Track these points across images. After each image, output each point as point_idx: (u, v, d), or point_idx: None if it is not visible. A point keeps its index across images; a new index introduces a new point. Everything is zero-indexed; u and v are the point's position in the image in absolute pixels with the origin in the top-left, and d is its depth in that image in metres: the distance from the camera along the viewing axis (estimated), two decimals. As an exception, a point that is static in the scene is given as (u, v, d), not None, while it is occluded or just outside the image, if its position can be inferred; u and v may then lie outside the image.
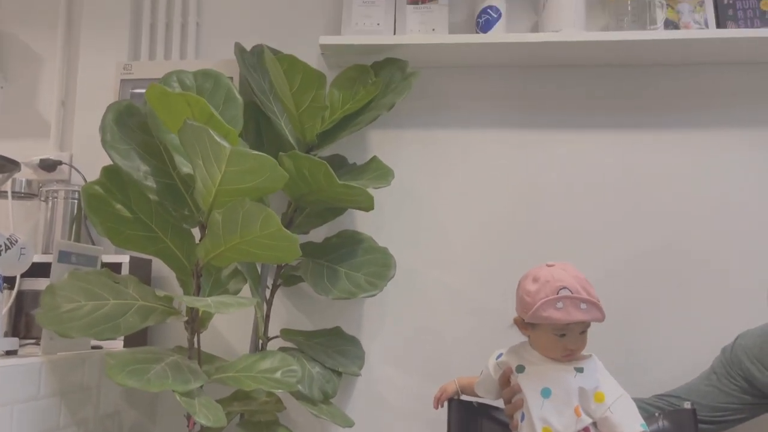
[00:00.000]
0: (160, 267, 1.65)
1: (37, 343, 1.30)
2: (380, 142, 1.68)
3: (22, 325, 1.42)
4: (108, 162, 1.25)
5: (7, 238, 1.19)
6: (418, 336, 1.60)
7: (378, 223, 1.63)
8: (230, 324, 1.63)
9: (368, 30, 1.62)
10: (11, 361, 1.06)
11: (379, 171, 1.51)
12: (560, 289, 1.07)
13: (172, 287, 1.64)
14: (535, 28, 1.66)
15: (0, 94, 1.79)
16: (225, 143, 1.06)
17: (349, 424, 1.37)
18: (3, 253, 1.17)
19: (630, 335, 1.53)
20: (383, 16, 1.64)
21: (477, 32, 1.59)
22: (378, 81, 1.53)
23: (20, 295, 1.40)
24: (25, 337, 1.38)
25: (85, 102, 1.74)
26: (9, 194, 1.55)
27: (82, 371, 1.25)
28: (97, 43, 1.75)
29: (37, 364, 1.11)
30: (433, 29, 1.61)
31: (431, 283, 1.62)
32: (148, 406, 1.54)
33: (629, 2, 1.49)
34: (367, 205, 1.40)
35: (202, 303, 1.11)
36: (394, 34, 1.62)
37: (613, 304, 1.19)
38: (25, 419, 1.07)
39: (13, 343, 1.18)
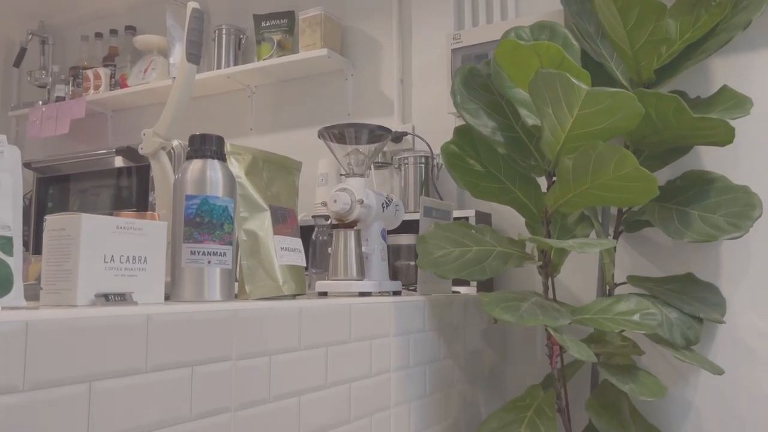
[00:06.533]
0: (499, 221, 1.76)
1: (408, 290, 1.51)
2: (725, 70, 1.52)
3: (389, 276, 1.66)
4: (441, 129, 1.36)
5: (386, 197, 1.40)
6: (790, 282, 1.42)
7: (729, 160, 1.48)
8: (573, 272, 1.66)
9: (706, -52, 1.47)
10: (405, 298, 1.25)
11: (732, 100, 1.37)
12: None
13: (511, 239, 1.73)
14: None
15: (351, 81, 2.09)
16: (581, 84, 1.07)
17: (719, 371, 1.29)
18: (385, 209, 1.38)
19: None
20: (723, -72, 1.46)
21: None
22: (724, 1, 1.38)
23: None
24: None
25: (419, 77, 1.93)
26: (371, 165, 1.81)
27: (450, 312, 1.41)
28: (425, 21, 1.92)
29: (421, 302, 1.29)
30: (792, -72, 1.38)
31: (805, 222, 1.42)
32: (500, 348, 1.67)
33: None
34: (726, 138, 1.28)
35: (566, 244, 1.15)
36: (739, -56, 1.44)
37: None
38: (419, 347, 1.26)
39: (398, 285, 1.39)
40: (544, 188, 1.53)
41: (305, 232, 1.85)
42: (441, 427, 1.31)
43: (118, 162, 1.81)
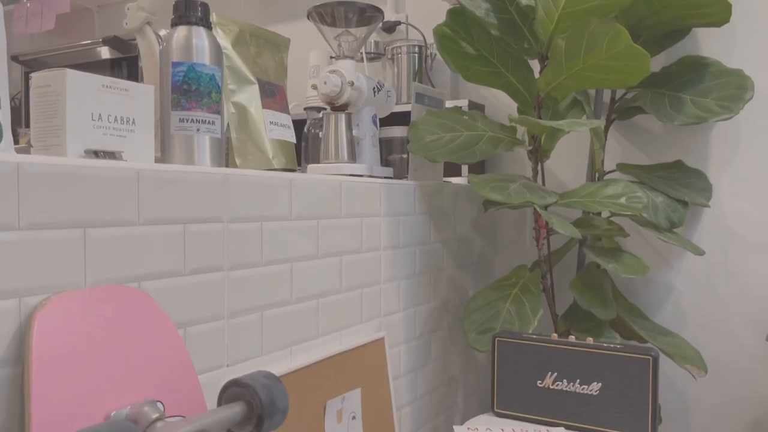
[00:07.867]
0: (492, 112, 1.76)
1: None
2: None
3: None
4: (434, 18, 1.32)
5: (377, 82, 1.38)
6: (777, 168, 1.44)
7: (726, 45, 1.46)
8: (563, 160, 1.67)
9: None
10: (396, 182, 1.26)
11: (732, -19, 1.33)
12: None
13: (504, 130, 1.73)
14: None
15: (342, -29, 2.01)
16: (576, -45, 1.04)
17: (700, 252, 1.33)
18: (376, 94, 1.37)
19: None
20: None
21: None
22: None
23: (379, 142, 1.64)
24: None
25: (413, -37, 1.86)
26: (363, 55, 1.77)
27: (441, 198, 1.44)
28: None
29: (412, 187, 1.31)
30: None
31: (797, 107, 1.42)
32: (490, 237, 1.71)
33: None
34: (722, 16, 1.26)
35: (555, 123, 1.16)
36: None
37: None
38: (409, 229, 1.29)
39: (389, 171, 1.40)
40: (537, 74, 1.52)
41: (297, 128, 1.85)
42: (429, 306, 1.37)
43: (106, 53, 1.78)
